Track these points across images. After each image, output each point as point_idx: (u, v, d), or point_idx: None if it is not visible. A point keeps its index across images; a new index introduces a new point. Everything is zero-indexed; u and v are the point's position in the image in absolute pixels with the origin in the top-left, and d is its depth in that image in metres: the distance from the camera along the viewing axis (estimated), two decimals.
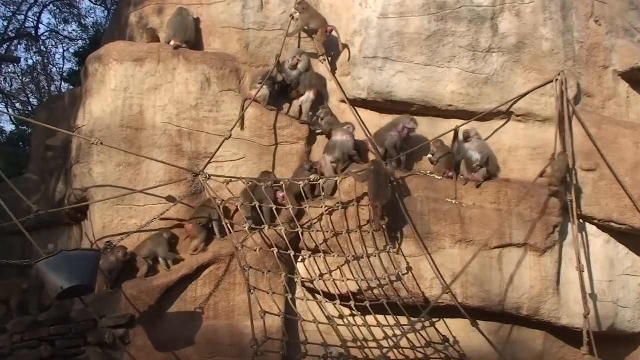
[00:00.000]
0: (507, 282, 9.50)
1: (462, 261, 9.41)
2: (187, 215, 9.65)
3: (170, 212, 9.58)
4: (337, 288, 9.31)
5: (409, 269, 9.37)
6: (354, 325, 9.05)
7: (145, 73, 9.95)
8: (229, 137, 9.66)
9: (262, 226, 9.28)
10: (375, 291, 9.32)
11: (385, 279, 9.26)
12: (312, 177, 9.69)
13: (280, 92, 10.38)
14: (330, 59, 10.50)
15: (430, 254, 9.42)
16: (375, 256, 9.32)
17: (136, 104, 9.88)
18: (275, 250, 9.16)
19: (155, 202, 9.65)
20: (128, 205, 9.68)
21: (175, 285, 9.20)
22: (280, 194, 9.59)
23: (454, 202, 9.71)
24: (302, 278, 9.39)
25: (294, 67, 10.31)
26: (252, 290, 8.76)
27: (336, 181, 9.74)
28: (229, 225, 9.09)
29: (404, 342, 8.92)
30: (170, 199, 9.65)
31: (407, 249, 9.49)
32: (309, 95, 10.36)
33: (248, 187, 9.52)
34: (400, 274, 9.28)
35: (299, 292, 9.46)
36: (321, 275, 9.38)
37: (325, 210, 9.53)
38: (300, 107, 10.39)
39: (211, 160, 9.68)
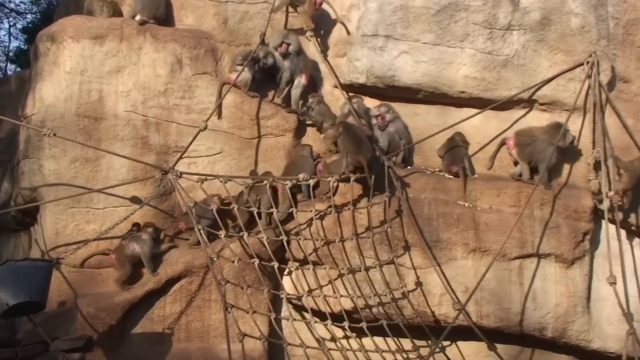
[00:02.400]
0: (529, 298, 9.58)
1: (477, 274, 9.46)
2: (152, 219, 9.78)
3: (135, 216, 9.57)
4: (329, 306, 9.36)
5: (419, 284, 9.47)
6: (349, 350, 9.07)
7: (105, 53, 9.94)
8: (204, 129, 9.64)
9: (241, 233, 9.29)
10: (374, 310, 9.39)
11: (386, 295, 9.32)
12: (300, 176, 9.70)
13: (264, 76, 10.46)
14: (319, 37, 10.65)
15: (440, 265, 9.47)
16: (375, 267, 9.37)
17: (95, 89, 9.87)
18: (257, 261, 9.15)
19: (117, 204, 9.67)
20: (85, 207, 9.67)
21: (140, 301, 9.20)
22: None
23: (467, 204, 9.77)
24: (288, 294, 9.40)
25: (285, 54, 10.34)
26: (229, 309, 8.74)
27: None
28: (202, 231, 9.12)
29: None
30: (134, 200, 9.65)
31: (412, 259, 9.55)
32: (300, 81, 10.45)
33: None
34: (405, 290, 9.37)
35: (284, 310, 9.50)
36: (310, 290, 9.42)
37: (315, 215, 9.52)
38: (289, 92, 10.48)
39: (183, 156, 9.68)
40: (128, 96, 9.92)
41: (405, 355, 9.04)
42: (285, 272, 9.55)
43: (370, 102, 10.54)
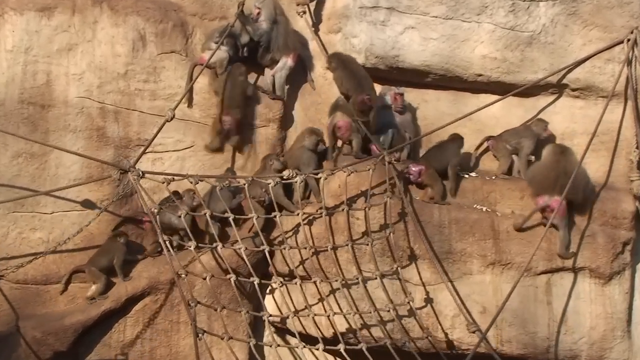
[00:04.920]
0: (559, 320, 9.53)
1: (496, 291, 9.45)
2: (110, 225, 9.66)
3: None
4: (319, 328, 9.26)
5: (428, 302, 9.41)
6: None
7: (54, 28, 9.75)
8: (171, 119, 9.44)
9: (214, 244, 9.12)
10: (374, 330, 9.26)
11: (389, 310, 9.22)
12: (285, 172, 9.56)
13: (245, 56, 10.34)
14: (312, 8, 10.61)
15: (452, 281, 9.41)
16: (375, 279, 9.26)
17: (42, 70, 9.70)
18: (233, 277, 8.95)
19: (67, 209, 9.54)
20: (30, 212, 9.49)
21: (95, 323, 9.06)
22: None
23: (484, 209, 9.72)
24: (271, 315, 9.22)
25: (257, 21, 10.24)
26: (200, 335, 8.52)
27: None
28: (167, 242, 8.92)
29: None
30: (88, 203, 9.55)
31: (420, 274, 9.44)
32: (286, 62, 10.31)
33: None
34: (412, 306, 9.24)
35: (267, 335, 9.42)
36: (297, 311, 9.28)
37: (303, 220, 9.45)
38: (274, 77, 10.33)
39: (146, 150, 9.54)
40: (81, 79, 9.76)
41: None
42: (268, 290, 9.51)
43: None
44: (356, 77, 9.76)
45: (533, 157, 10.06)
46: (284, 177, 9.54)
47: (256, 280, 9.03)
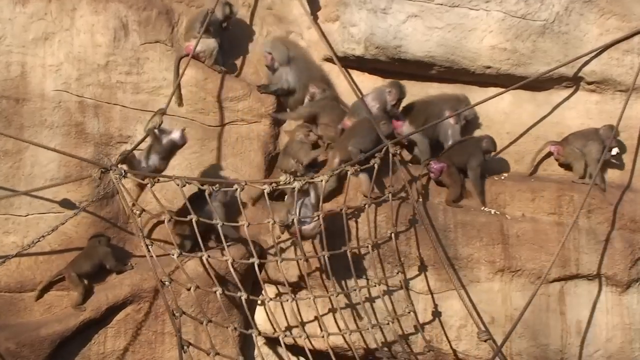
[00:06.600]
0: (573, 332, 9.44)
1: (505, 300, 9.41)
2: (90, 229, 9.45)
3: (67, 226, 9.28)
4: (311, 343, 9.09)
5: (434, 313, 9.35)
6: None
7: (30, 15, 9.64)
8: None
9: (200, 253, 8.95)
10: (373, 346, 9.15)
11: (388, 322, 9.15)
12: (282, 178, 9.32)
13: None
14: None
15: (463, 289, 9.27)
16: (375, 285, 9.17)
17: (16, 61, 9.57)
18: (219, 290, 8.82)
19: (44, 211, 9.40)
20: (3, 214, 9.36)
21: (73, 334, 8.93)
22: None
23: (493, 212, 9.67)
24: (260, 334, 9.13)
25: (271, 67, 10.24)
26: (184, 347, 8.38)
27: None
28: (150, 246, 8.80)
29: None
30: (66, 204, 9.42)
31: (422, 282, 9.36)
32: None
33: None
34: (415, 316, 9.17)
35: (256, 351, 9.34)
36: (289, 327, 9.22)
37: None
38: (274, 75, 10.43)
39: (126, 146, 9.50)
40: (59, 71, 9.66)
41: None
42: (259, 302, 9.36)
43: (368, 80, 10.44)
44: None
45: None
46: (280, 183, 9.31)
47: (244, 296, 8.88)
